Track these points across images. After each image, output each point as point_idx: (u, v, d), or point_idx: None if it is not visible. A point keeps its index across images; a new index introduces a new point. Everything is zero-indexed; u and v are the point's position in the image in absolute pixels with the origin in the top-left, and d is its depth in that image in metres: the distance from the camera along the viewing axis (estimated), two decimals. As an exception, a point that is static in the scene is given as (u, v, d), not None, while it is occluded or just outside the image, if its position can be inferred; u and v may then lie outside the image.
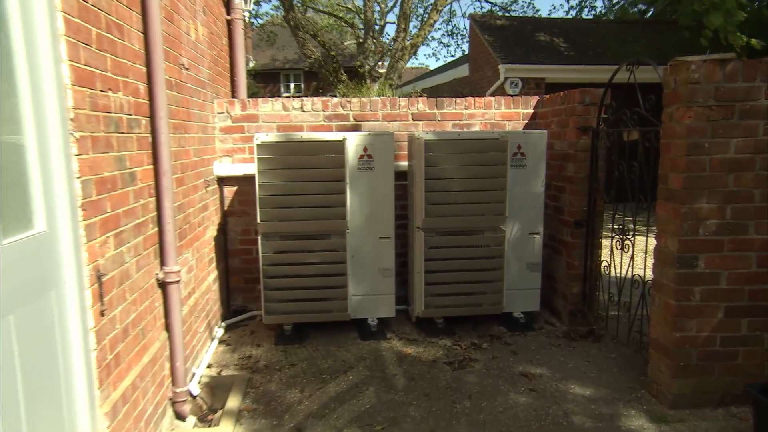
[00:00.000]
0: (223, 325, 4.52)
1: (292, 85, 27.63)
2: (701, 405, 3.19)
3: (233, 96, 5.24)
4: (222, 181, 4.70)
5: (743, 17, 8.40)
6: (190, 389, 3.28)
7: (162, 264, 3.05)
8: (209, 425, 3.25)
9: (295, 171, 4.02)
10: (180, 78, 3.50)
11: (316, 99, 4.79)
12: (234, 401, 3.32)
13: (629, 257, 3.90)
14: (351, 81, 14.57)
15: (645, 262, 3.76)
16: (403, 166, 4.68)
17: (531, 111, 4.96)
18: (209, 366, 3.85)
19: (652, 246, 3.41)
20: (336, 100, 4.81)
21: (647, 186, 3.54)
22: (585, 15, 17.97)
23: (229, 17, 5.05)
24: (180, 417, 3.17)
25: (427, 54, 62.11)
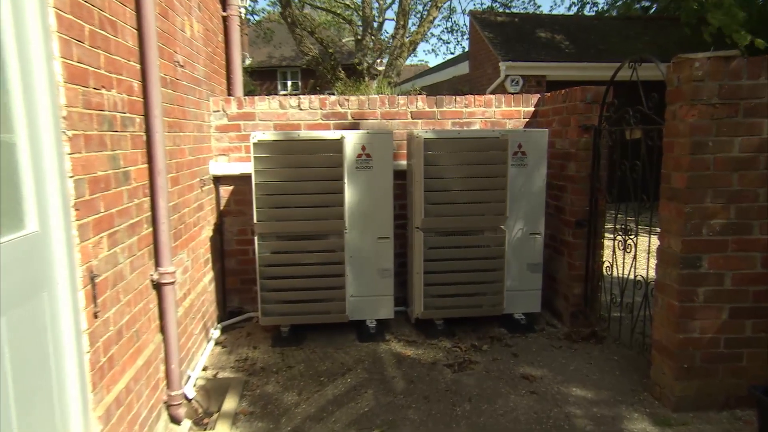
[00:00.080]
0: (219, 327, 4.51)
1: (289, 83, 27.61)
2: (705, 408, 3.19)
3: (229, 94, 5.23)
4: (218, 181, 4.70)
5: (743, 17, 8.42)
6: (185, 392, 3.27)
7: (157, 265, 3.04)
8: (205, 429, 3.24)
9: (293, 170, 4.01)
10: (175, 75, 3.49)
11: (313, 97, 4.78)
12: (230, 404, 3.32)
13: (632, 258, 3.89)
14: (349, 79, 14.57)
15: (648, 262, 3.77)
16: (402, 165, 4.68)
17: (532, 109, 4.95)
18: (205, 368, 3.85)
19: (654, 246, 3.41)
20: (334, 98, 4.80)
21: (650, 185, 3.54)
22: (587, 11, 17.99)
23: (225, 14, 5.04)
24: (175, 421, 3.16)
25: (427, 50, 62.08)
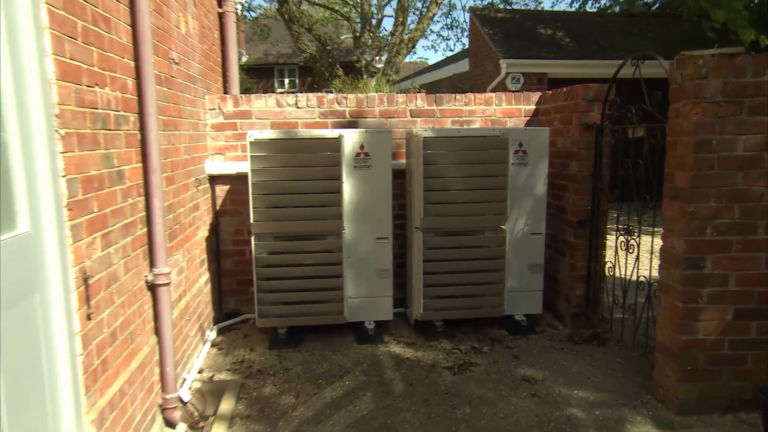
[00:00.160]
0: (215, 329, 4.50)
1: (286, 81, 27.58)
2: (709, 410, 3.19)
3: (225, 92, 5.22)
4: (214, 180, 4.69)
5: (746, 15, 8.43)
6: (180, 395, 3.27)
7: (151, 266, 3.04)
8: (200, 432, 3.24)
9: (290, 169, 4.01)
10: (170, 73, 3.49)
11: (311, 95, 4.78)
12: (226, 407, 3.32)
13: (634, 258, 3.89)
14: (347, 76, 14.55)
15: (651, 263, 3.77)
16: (401, 164, 4.67)
17: (533, 107, 4.95)
18: (201, 371, 3.84)
19: (658, 246, 3.41)
20: (332, 96, 4.80)
21: (653, 184, 3.54)
22: (589, 8, 18.00)
23: (221, 10, 5.04)
24: (170, 424, 3.16)
25: (426, 46, 62.02)
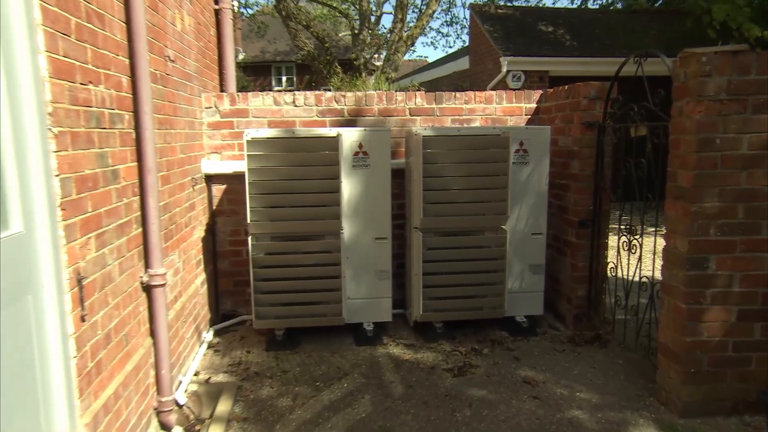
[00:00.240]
0: (212, 330, 4.50)
1: (283, 79, 27.56)
2: (713, 413, 3.19)
3: (222, 90, 5.22)
4: (210, 180, 4.68)
5: (747, 12, 8.44)
6: (176, 398, 3.26)
7: (147, 266, 3.03)
8: (196, 436, 3.23)
9: (287, 169, 4.00)
10: (165, 71, 3.48)
11: (309, 93, 4.77)
12: (223, 410, 3.31)
13: (637, 259, 3.90)
14: (346, 74, 14.55)
15: (653, 263, 3.76)
16: (401, 163, 4.67)
17: (534, 106, 4.95)
18: (197, 373, 3.84)
19: (660, 247, 3.41)
20: (330, 94, 4.79)
21: (656, 184, 3.54)
22: (591, 4, 18.00)
23: (217, 6, 5.03)
24: (165, 428, 3.15)
25: (425, 43, 61.77)
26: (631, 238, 3.94)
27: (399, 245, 4.72)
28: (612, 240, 4.46)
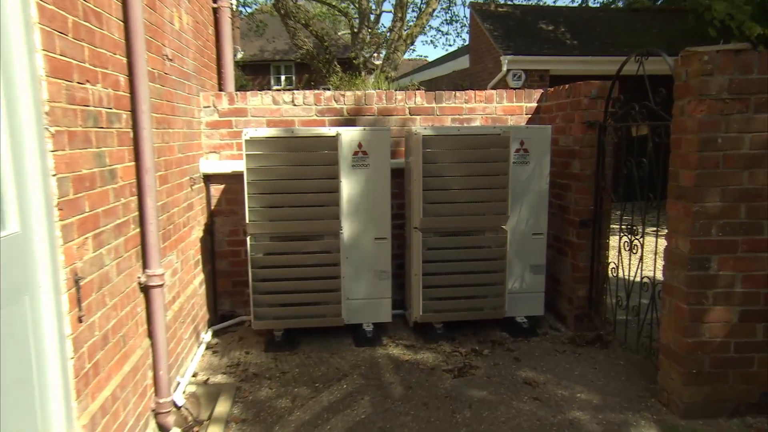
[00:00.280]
0: (210, 331, 4.49)
1: (282, 78, 27.55)
2: (714, 415, 3.19)
3: (220, 89, 5.21)
4: (208, 179, 4.68)
5: (748, 9, 8.44)
6: (174, 399, 3.26)
7: (144, 267, 3.03)
8: (195, 437, 3.23)
9: (286, 168, 4.00)
10: (163, 69, 3.48)
11: (308, 92, 4.77)
12: (221, 411, 3.31)
13: (638, 259, 3.89)
14: (345, 73, 14.54)
15: (655, 263, 3.76)
16: (400, 163, 4.67)
17: (534, 105, 4.95)
18: (195, 374, 3.83)
19: (662, 247, 3.40)
20: (329, 93, 4.79)
21: (657, 183, 3.53)
22: (591, 3, 18.02)
23: (216, 5, 5.02)
24: (163, 429, 3.15)
25: (425, 41, 61.69)
26: (633, 238, 3.94)
27: (399, 245, 4.72)
28: (613, 240, 4.46)
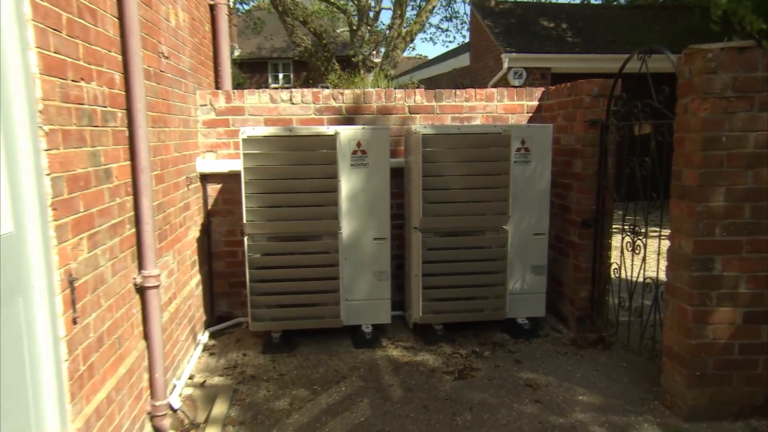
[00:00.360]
0: (207, 333, 4.49)
1: (280, 76, 27.55)
2: (719, 417, 3.18)
3: (217, 87, 5.21)
4: (205, 179, 4.68)
5: (749, 4, 8.42)
6: (170, 402, 3.26)
7: (140, 267, 3.02)
8: (191, 441, 3.23)
9: (284, 167, 3.99)
10: (159, 67, 3.47)
11: (306, 90, 4.77)
12: (218, 414, 3.31)
13: (641, 259, 3.89)
14: (344, 71, 14.54)
15: (658, 264, 3.76)
16: (400, 162, 4.66)
17: (536, 103, 4.95)
18: (192, 377, 3.83)
19: (665, 247, 3.40)
20: (327, 91, 4.79)
21: (660, 183, 3.53)
22: (593, 0, 18.00)
23: (212, 2, 5.02)
24: (159, 432, 3.15)
25: (424, 38, 61.56)
26: (635, 238, 3.94)
27: (398, 246, 4.71)
28: (615, 240, 4.45)
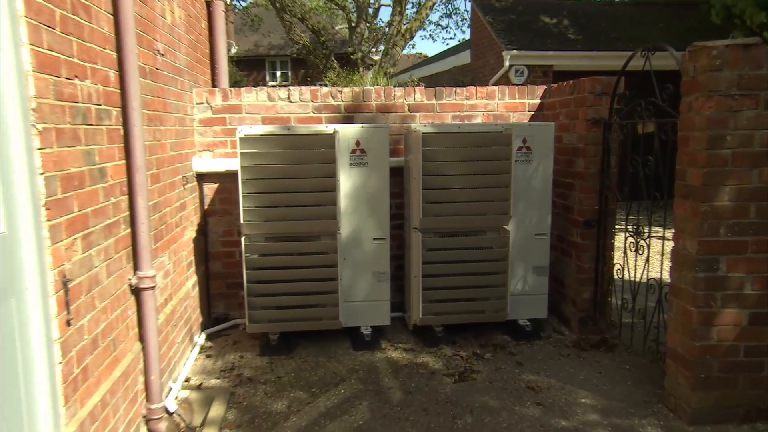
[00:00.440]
0: (204, 335, 4.49)
1: (278, 73, 27.57)
2: (724, 421, 3.18)
3: (214, 85, 5.21)
4: (202, 178, 4.67)
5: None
6: (166, 405, 3.25)
7: (135, 268, 3.02)
8: (187, 444, 3.22)
9: (282, 167, 3.99)
10: (155, 65, 3.47)
11: (304, 88, 4.77)
12: (215, 417, 3.30)
13: (644, 260, 3.89)
14: (342, 69, 14.54)
15: (661, 264, 3.76)
16: (399, 161, 4.66)
17: (537, 101, 4.95)
18: (188, 379, 3.83)
19: (668, 248, 3.40)
20: (326, 89, 4.78)
21: (664, 182, 3.53)
22: (596, -3, 17.96)
23: (209, -2, 5.02)
24: (155, 436, 3.14)
25: (424, 36, 61.60)
26: (638, 238, 3.94)
27: (398, 246, 4.71)
28: (618, 240, 4.46)
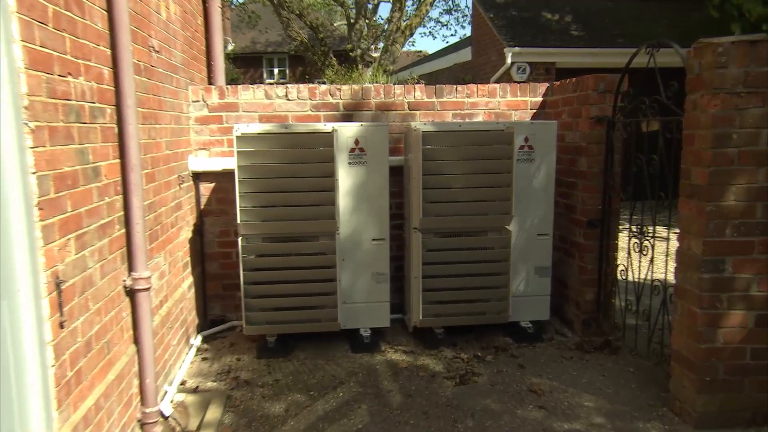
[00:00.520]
0: (200, 337, 4.48)
1: (275, 71, 27.57)
2: (729, 425, 3.18)
3: (210, 82, 5.20)
4: (198, 177, 4.67)
5: None
6: (161, 409, 3.24)
7: (130, 269, 3.01)
8: (183, 449, 3.22)
9: (280, 166, 3.99)
10: (149, 62, 3.46)
11: (302, 86, 4.76)
12: (211, 421, 3.30)
13: (648, 260, 3.89)
14: (341, 66, 14.54)
15: (666, 265, 3.76)
16: (399, 160, 4.66)
17: (540, 99, 4.94)
18: (184, 382, 3.82)
19: (673, 248, 3.40)
20: (324, 87, 4.78)
21: (668, 182, 3.53)
22: (599, -7, 17.95)
23: (205, -6, 5.01)
24: (150, 440, 3.14)
25: (423, 33, 61.62)
26: (643, 238, 3.93)
27: (398, 247, 4.71)
28: (622, 241, 4.45)
